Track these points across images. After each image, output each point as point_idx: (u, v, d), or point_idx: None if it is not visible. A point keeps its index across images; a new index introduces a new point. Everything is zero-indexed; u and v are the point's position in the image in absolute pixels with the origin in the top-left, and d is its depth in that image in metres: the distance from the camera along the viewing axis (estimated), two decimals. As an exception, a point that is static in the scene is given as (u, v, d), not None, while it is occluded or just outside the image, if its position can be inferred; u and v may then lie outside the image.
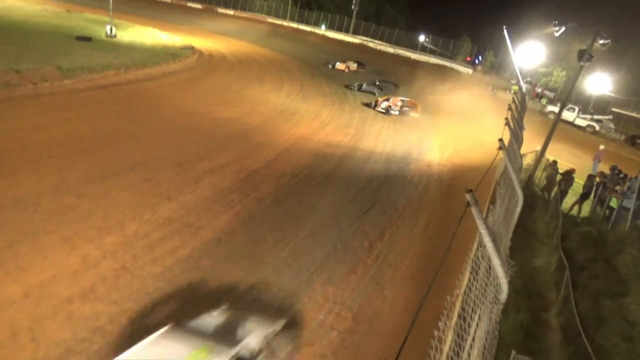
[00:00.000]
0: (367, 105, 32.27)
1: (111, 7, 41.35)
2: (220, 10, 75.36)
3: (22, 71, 21.63)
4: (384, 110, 30.90)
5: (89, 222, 10.57)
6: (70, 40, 33.66)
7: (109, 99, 21.74)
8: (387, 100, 31.55)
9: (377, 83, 36.88)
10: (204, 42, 47.57)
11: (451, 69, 53.02)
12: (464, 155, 23.43)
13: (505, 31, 29.60)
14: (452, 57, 56.57)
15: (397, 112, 30.31)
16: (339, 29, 68.76)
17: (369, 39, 64.70)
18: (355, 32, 67.38)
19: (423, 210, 15.63)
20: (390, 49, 61.22)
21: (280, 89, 32.29)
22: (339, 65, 47.16)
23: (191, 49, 40.03)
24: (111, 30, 39.23)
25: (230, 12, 74.87)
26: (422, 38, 61.05)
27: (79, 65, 25.23)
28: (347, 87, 37.03)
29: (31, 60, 24.30)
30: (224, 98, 26.35)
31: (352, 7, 68.58)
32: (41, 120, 16.91)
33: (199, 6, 77.38)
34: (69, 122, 17.25)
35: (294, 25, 70.05)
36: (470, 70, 51.85)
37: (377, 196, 16.13)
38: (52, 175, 12.43)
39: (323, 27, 69.69)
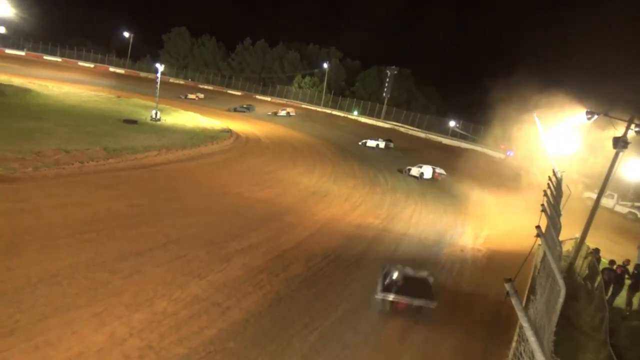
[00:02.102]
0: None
1: (157, 93, 44.50)
2: (258, 96, 79.73)
3: (71, 151, 23.06)
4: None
5: (120, 298, 10.61)
6: (118, 123, 36.04)
7: (149, 178, 22.68)
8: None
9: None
10: (241, 126, 49.92)
11: (483, 153, 53.36)
12: (499, 240, 22.80)
13: (536, 118, 29.94)
14: (483, 143, 57.12)
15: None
16: (371, 115, 71.19)
17: (400, 124, 66.50)
18: (387, 118, 69.54)
19: (458, 298, 15.00)
20: (421, 134, 62.53)
21: (313, 170, 33.01)
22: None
23: (229, 132, 42.01)
24: (156, 114, 41.90)
25: (267, 98, 79.08)
26: (452, 123, 62.32)
27: (124, 146, 26.76)
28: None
29: (81, 141, 25.98)
30: (257, 179, 27.07)
31: (384, 94, 71.49)
32: (84, 197, 17.71)
33: (238, 93, 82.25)
34: (110, 199, 17.97)
35: (328, 110, 73.04)
36: (502, 155, 52.00)
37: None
38: (88, 251, 12.74)
39: (355, 112, 72.33)
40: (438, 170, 35.44)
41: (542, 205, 11.50)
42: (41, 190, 17.44)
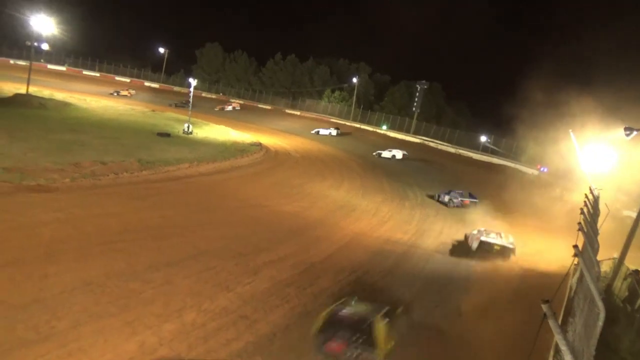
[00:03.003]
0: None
1: (190, 107, 45.58)
2: (288, 110, 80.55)
3: (106, 163, 23.79)
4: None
5: (151, 308, 10.78)
6: (152, 136, 37.02)
7: (181, 190, 23.14)
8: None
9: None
10: (270, 140, 50.46)
11: (515, 169, 52.21)
12: (532, 258, 22.13)
13: (571, 134, 29.16)
14: (515, 158, 55.92)
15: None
16: (400, 129, 70.82)
17: (429, 139, 65.89)
18: (416, 132, 69.02)
19: (489, 317, 14.59)
20: (451, 149, 61.74)
21: (341, 184, 32.99)
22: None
23: (258, 145, 42.53)
24: (188, 127, 42.86)
25: (297, 112, 79.75)
26: (483, 139, 61.32)
27: (157, 158, 27.43)
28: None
29: (116, 153, 26.77)
30: (286, 192, 27.24)
31: (413, 109, 71.06)
32: (118, 208, 18.19)
33: (268, 107, 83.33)
34: (143, 210, 18.41)
35: (356, 125, 73.06)
36: (535, 171, 50.75)
37: (438, 298, 15.38)
38: (121, 260, 13.03)
39: (384, 127, 72.08)
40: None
41: (579, 223, 11.16)
42: (78, 201, 18.01)
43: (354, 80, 78.31)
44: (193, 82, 49.95)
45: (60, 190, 18.60)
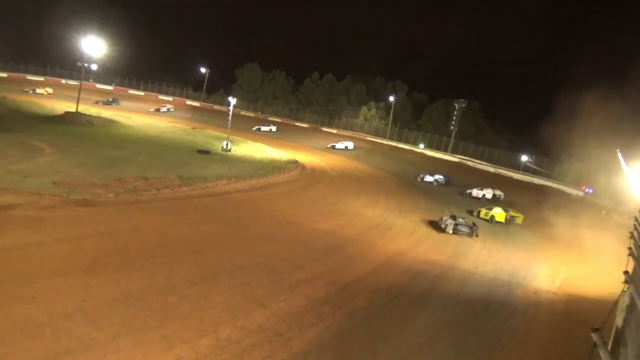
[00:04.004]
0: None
1: (229, 125, 46.62)
2: (325, 129, 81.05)
3: (149, 178, 24.55)
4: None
5: (188, 322, 10.92)
6: (192, 153, 38.01)
7: (219, 206, 23.55)
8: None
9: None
10: (307, 157, 50.81)
11: (558, 190, 50.43)
12: (578, 283, 21.17)
13: (619, 154, 27.99)
14: (558, 179, 54.06)
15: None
16: (437, 148, 69.91)
17: (468, 157, 64.68)
18: (454, 151, 67.96)
19: (531, 346, 13.99)
20: (490, 168, 60.34)
21: (377, 203, 32.74)
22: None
23: (295, 163, 42.88)
24: (227, 145, 43.79)
25: (333, 130, 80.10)
26: (524, 158, 59.67)
27: (197, 174, 28.09)
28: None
29: (158, 169, 27.60)
30: (321, 210, 27.25)
31: (451, 127, 70.14)
32: (158, 222, 18.68)
33: (305, 125, 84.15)
34: (182, 225, 18.82)
35: (393, 143, 72.69)
36: (580, 193, 48.85)
37: (477, 323, 14.87)
38: (160, 274, 13.32)
39: (421, 145, 71.36)
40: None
41: (630, 248, 10.62)
42: (120, 215, 18.62)
43: (391, 98, 78.21)
44: (232, 100, 51.15)
45: (104, 205, 19.28)
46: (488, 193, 44.19)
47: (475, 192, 44.88)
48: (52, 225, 15.44)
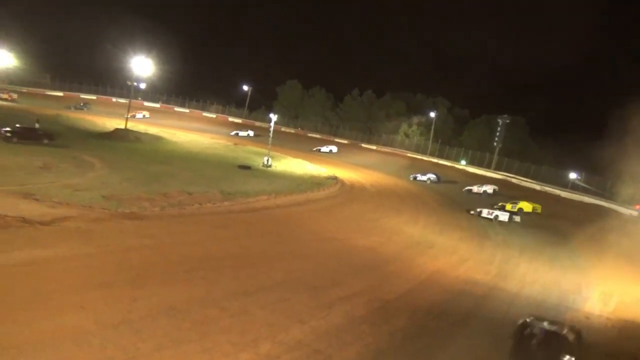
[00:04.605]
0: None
1: (270, 141, 47.37)
2: (364, 145, 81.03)
3: (192, 193, 25.17)
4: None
5: (228, 336, 11.01)
6: (233, 169, 38.81)
7: (259, 221, 23.83)
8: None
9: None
10: (346, 173, 50.84)
11: (610, 209, 48.05)
12: (631, 308, 19.97)
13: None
14: (609, 197, 51.53)
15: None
16: (480, 165, 68.32)
17: (512, 175, 62.84)
18: (498, 168, 66.20)
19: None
20: (536, 186, 58.30)
21: (417, 220, 32.25)
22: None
23: (334, 179, 42.97)
24: (267, 160, 44.47)
25: (373, 147, 79.94)
26: (573, 176, 57.36)
27: (238, 189, 28.60)
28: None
29: (201, 184, 28.31)
30: (361, 226, 27.10)
31: (494, 143, 68.46)
32: (200, 236, 19.10)
33: (345, 141, 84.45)
34: (223, 240, 19.17)
35: (434, 160, 71.68)
36: (634, 212, 46.35)
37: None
38: (201, 287, 13.54)
39: (463, 162, 70.02)
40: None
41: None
42: (164, 228, 19.16)
43: (432, 114, 77.42)
44: (273, 117, 52.06)
45: (149, 218, 19.89)
46: (489, 189, 51.30)
47: (476, 189, 51.23)
48: (101, 238, 16.04)
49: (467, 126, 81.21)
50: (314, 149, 73.02)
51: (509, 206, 40.84)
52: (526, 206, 42.34)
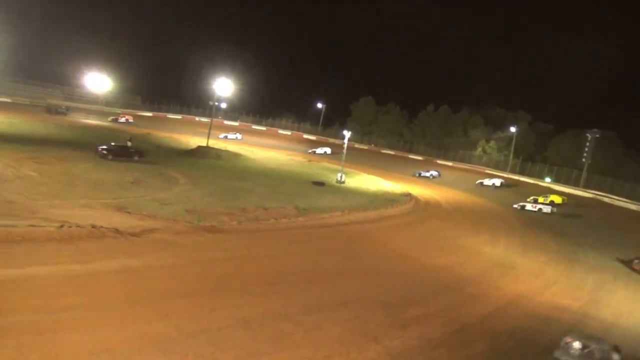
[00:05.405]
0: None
1: (344, 158, 47.65)
2: (439, 161, 78.98)
3: (268, 208, 25.85)
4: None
5: (301, 351, 11.06)
6: (308, 185, 39.38)
7: (332, 237, 23.91)
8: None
9: None
10: (421, 190, 49.77)
11: None
12: None
13: None
14: None
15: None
16: (566, 182, 63.79)
17: (604, 193, 58.02)
18: (587, 186, 61.48)
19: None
20: (632, 206, 53.37)
21: (498, 240, 30.71)
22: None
23: (408, 195, 42.19)
24: (341, 177, 44.68)
25: (449, 163, 77.71)
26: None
27: (312, 205, 28.94)
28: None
29: (276, 199, 29.01)
30: (437, 245, 26.29)
31: (583, 160, 63.77)
32: (276, 250, 19.53)
33: (419, 157, 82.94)
34: (297, 254, 19.45)
35: (515, 176, 68.12)
36: None
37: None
38: (276, 301, 13.76)
39: (548, 179, 65.86)
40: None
41: None
42: (242, 242, 19.80)
43: (512, 129, 73.94)
44: (347, 134, 52.40)
45: (228, 232, 20.66)
46: (496, 181, 60.97)
47: (487, 182, 60.83)
48: (184, 249, 16.91)
49: (552, 141, 76.56)
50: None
51: (541, 199, 48.76)
52: (557, 198, 49.80)
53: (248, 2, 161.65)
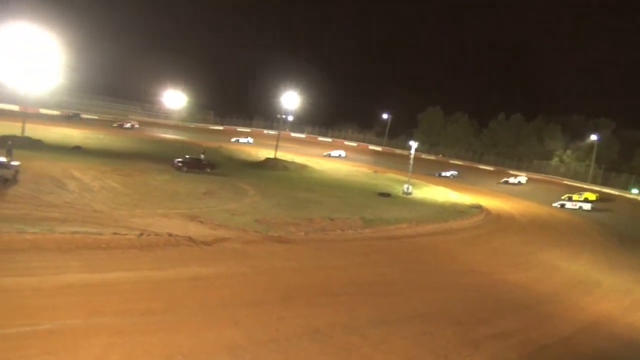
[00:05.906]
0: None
1: (411, 169, 46.89)
2: (512, 172, 75.53)
3: (334, 219, 25.97)
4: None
5: (369, 365, 10.91)
6: (374, 196, 39.15)
7: (399, 249, 23.53)
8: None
9: None
10: (492, 202, 47.81)
11: None
12: None
13: None
14: None
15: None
16: (657, 194, 58.72)
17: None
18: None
19: None
20: None
21: (579, 256, 28.72)
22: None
23: (479, 207, 40.69)
24: (408, 188, 43.99)
25: (522, 173, 74.05)
26: None
27: (378, 217, 28.72)
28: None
29: (343, 210, 29.09)
30: (511, 260, 25.05)
31: (676, 169, 58.40)
32: (342, 262, 19.53)
33: (490, 168, 79.87)
34: (364, 266, 19.29)
35: (596, 187, 63.56)
36: None
37: None
38: (343, 313, 13.70)
39: (635, 190, 60.89)
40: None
41: None
42: (308, 252, 20.02)
43: (593, 137, 69.27)
44: (414, 144, 51.59)
45: (295, 242, 20.96)
46: (522, 179, 67.13)
47: (512, 180, 66.51)
48: (253, 258, 17.36)
49: (639, 150, 70.85)
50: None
51: (575, 196, 51.48)
52: (590, 195, 51.90)
53: (310, 18, 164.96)
